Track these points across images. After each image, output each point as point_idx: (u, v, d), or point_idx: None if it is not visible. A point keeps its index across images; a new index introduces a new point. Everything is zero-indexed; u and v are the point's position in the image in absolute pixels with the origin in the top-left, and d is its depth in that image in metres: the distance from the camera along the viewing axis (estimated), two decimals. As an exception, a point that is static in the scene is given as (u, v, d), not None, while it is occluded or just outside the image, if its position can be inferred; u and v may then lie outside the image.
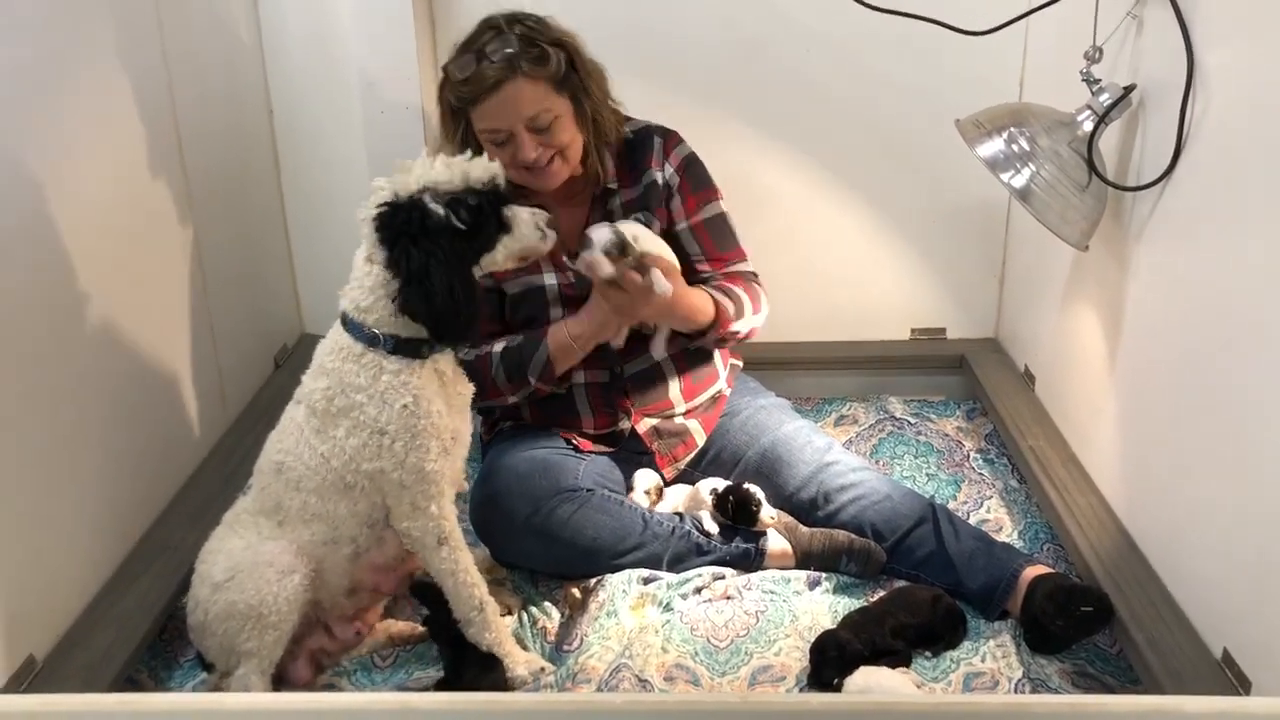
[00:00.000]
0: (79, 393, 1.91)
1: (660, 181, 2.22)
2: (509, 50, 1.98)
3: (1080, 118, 2.01)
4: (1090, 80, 2.01)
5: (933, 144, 2.66)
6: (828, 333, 2.92)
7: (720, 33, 2.69)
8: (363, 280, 1.79)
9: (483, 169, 1.76)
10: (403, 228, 1.73)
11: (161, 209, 2.24)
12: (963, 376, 2.88)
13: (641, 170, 2.22)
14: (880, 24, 2.29)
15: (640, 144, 2.23)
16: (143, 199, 2.15)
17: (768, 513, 2.15)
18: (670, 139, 2.24)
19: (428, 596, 1.94)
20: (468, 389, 1.92)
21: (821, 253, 2.89)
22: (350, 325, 1.80)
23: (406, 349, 1.80)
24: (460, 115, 2.06)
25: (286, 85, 2.76)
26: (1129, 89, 1.97)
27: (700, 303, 2.14)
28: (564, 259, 2.17)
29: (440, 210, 1.73)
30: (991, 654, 1.92)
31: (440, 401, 1.83)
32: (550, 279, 2.19)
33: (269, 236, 2.82)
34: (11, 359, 1.73)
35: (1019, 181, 1.99)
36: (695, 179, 2.25)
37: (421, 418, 1.79)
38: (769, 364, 2.69)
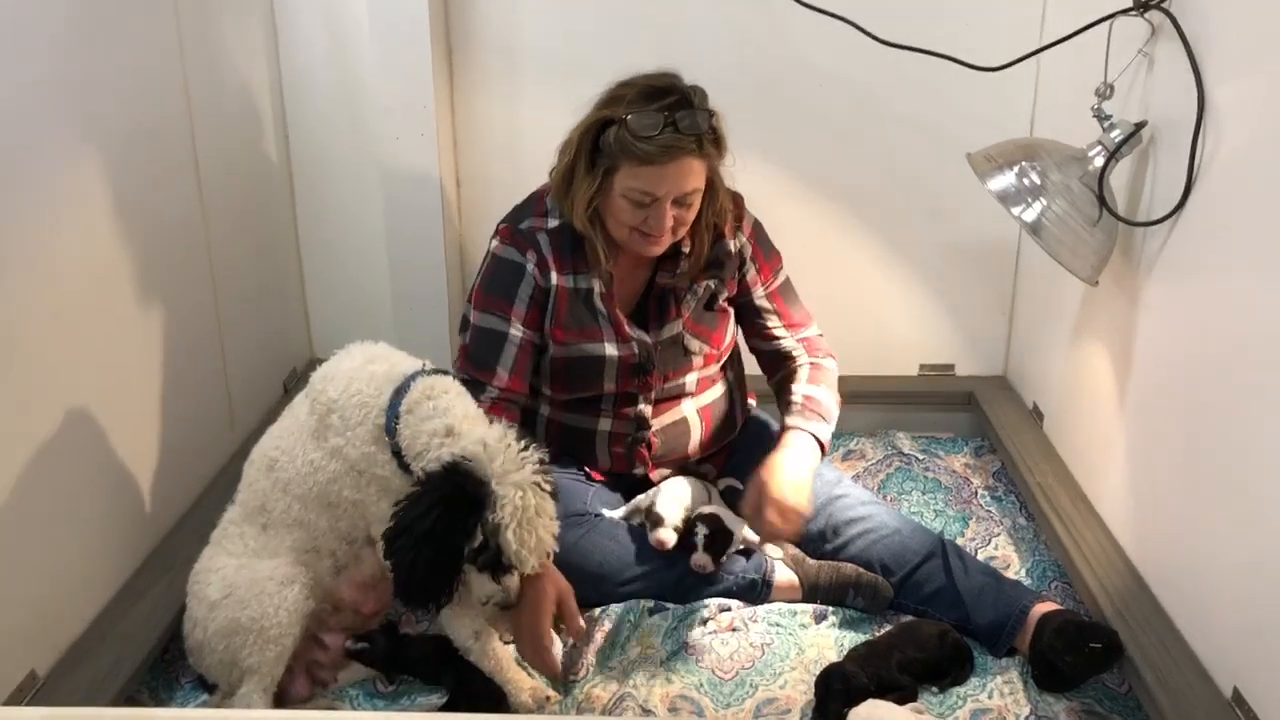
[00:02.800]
0: (87, 410, 1.92)
1: (733, 250, 2.19)
2: (700, 128, 1.95)
3: (1091, 153, 2.02)
4: (1101, 116, 2.02)
5: (943, 180, 2.68)
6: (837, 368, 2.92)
7: (733, 68, 2.72)
8: (429, 421, 1.75)
9: (524, 558, 1.70)
10: (445, 485, 1.67)
11: (177, 231, 2.26)
12: (971, 413, 2.87)
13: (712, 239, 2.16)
14: (893, 60, 2.31)
15: None
16: (159, 220, 2.17)
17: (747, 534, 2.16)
18: (738, 203, 2.21)
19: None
20: None
21: (831, 287, 2.89)
22: (394, 403, 1.77)
23: (402, 462, 1.79)
24: (609, 160, 1.99)
25: (303, 111, 2.79)
26: (1140, 125, 1.98)
27: (812, 446, 2.16)
28: (625, 329, 2.14)
29: (480, 537, 1.68)
30: (999, 690, 1.90)
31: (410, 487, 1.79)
32: (611, 349, 2.15)
33: (282, 261, 2.84)
34: (21, 375, 1.74)
35: (1030, 215, 2.00)
36: (765, 246, 2.25)
37: (392, 485, 1.79)
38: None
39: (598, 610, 2.07)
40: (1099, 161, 2.01)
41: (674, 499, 2.15)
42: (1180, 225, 1.89)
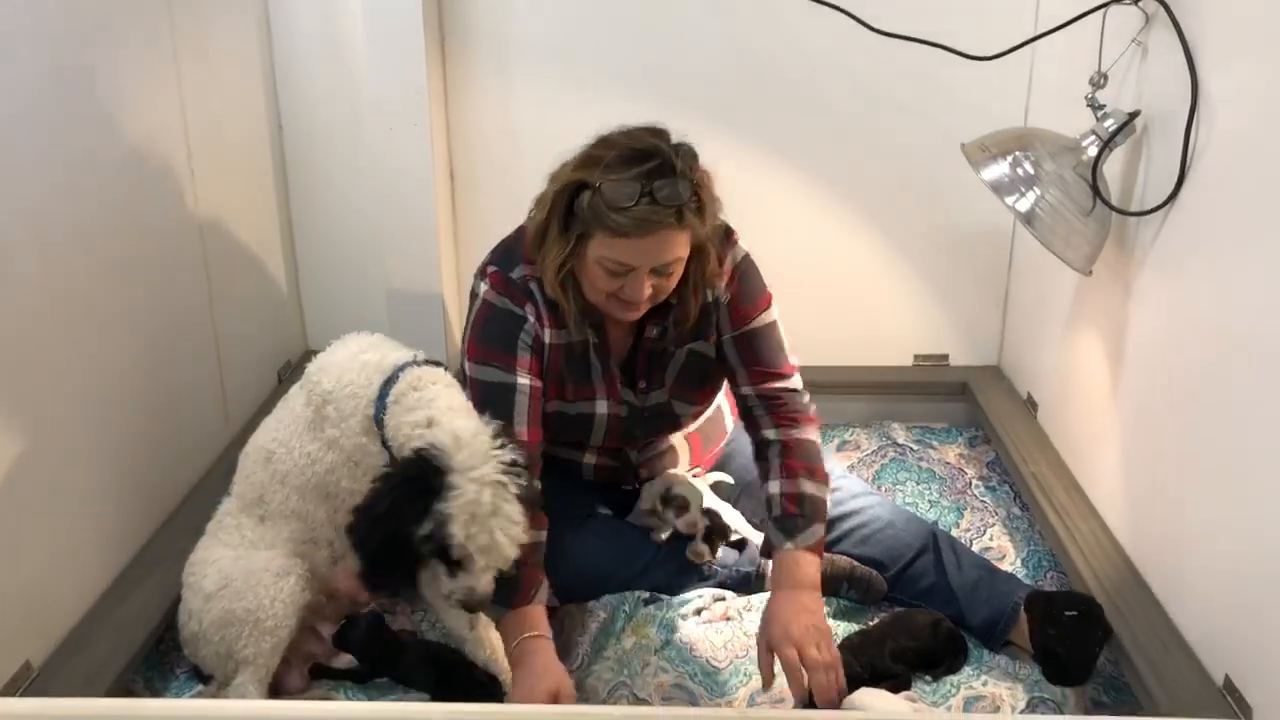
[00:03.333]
0: (82, 402, 1.92)
1: (711, 302, 2.01)
2: (680, 198, 1.78)
3: (1085, 142, 2.02)
4: (1095, 105, 2.02)
5: (937, 169, 2.68)
6: (831, 358, 2.92)
7: (728, 55, 2.71)
8: (412, 412, 1.76)
9: (509, 547, 1.69)
10: (406, 470, 1.67)
11: (170, 221, 2.25)
12: (965, 403, 2.87)
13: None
14: (887, 49, 2.31)
15: None
16: (152, 211, 2.17)
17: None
18: (725, 246, 2.01)
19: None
20: None
21: (825, 277, 2.90)
22: (383, 393, 1.78)
23: (391, 453, 1.79)
24: (583, 226, 1.83)
25: (296, 103, 2.78)
26: (1134, 114, 1.98)
27: (815, 571, 1.94)
28: (618, 387, 2.06)
29: (429, 526, 1.65)
30: (993, 679, 1.91)
31: None
32: (601, 408, 2.06)
33: (275, 251, 2.84)
34: (16, 367, 1.73)
35: (1023, 205, 2.00)
36: (746, 294, 2.03)
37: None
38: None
39: (593, 601, 2.08)
40: (1093, 151, 2.01)
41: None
42: (1174, 215, 1.89)
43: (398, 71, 2.63)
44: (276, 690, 1.84)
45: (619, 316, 1.95)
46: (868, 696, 1.77)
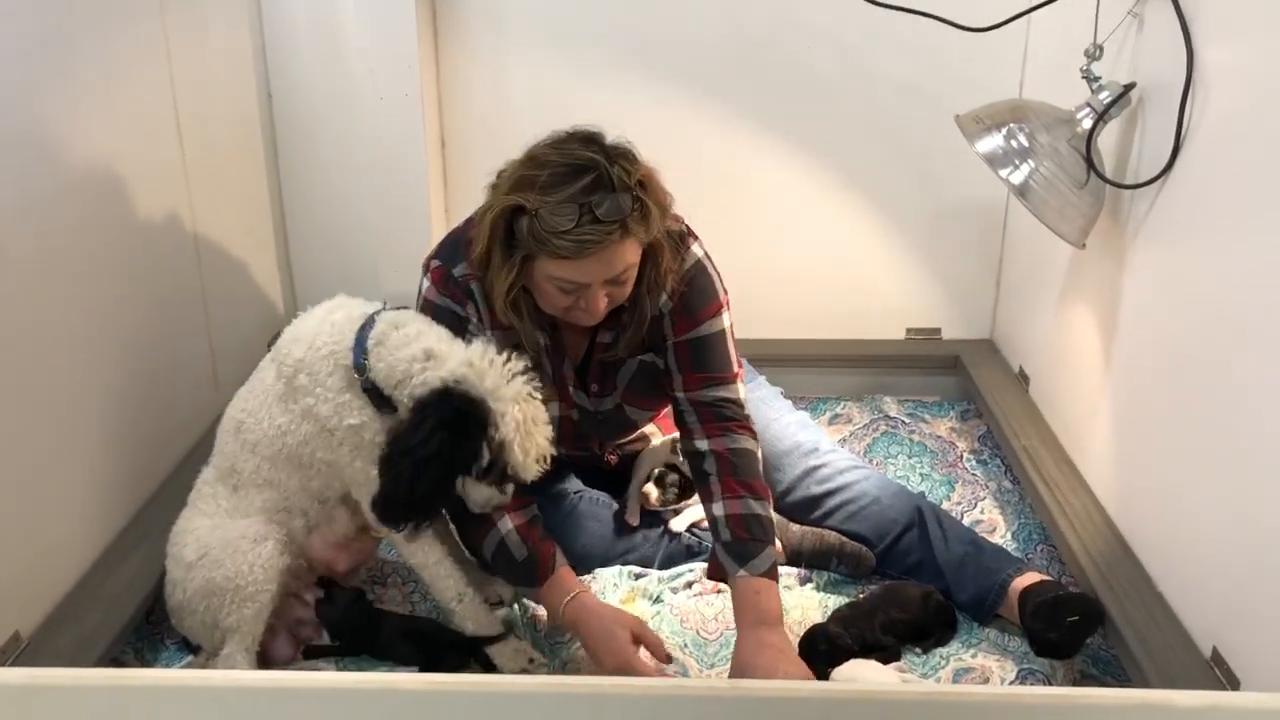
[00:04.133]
0: (72, 372, 1.91)
1: (659, 314, 1.93)
2: (624, 211, 1.70)
3: (1080, 115, 2.01)
4: (1090, 78, 2.01)
5: (932, 142, 2.67)
6: (823, 331, 2.92)
7: (722, 28, 2.69)
8: (405, 347, 1.73)
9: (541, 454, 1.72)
10: (444, 409, 1.67)
11: (159, 190, 2.23)
12: (957, 377, 2.88)
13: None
14: (881, 20, 2.30)
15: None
16: (141, 179, 2.15)
17: None
18: (683, 243, 1.92)
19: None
20: None
21: (818, 250, 2.89)
22: (360, 339, 1.76)
23: (376, 398, 1.77)
24: (525, 249, 1.76)
25: (286, 70, 2.76)
26: (1129, 87, 1.97)
27: (775, 602, 1.86)
28: (570, 389, 2.02)
29: (486, 455, 1.68)
30: (983, 651, 1.92)
31: (375, 436, 1.79)
32: (553, 409, 1.91)
33: (264, 220, 2.82)
34: (5, 340, 1.72)
35: (1017, 178, 1.99)
36: (691, 300, 1.93)
37: (364, 439, 1.79)
38: (763, 361, 2.68)
39: (585, 575, 2.08)
40: (1087, 124, 2.00)
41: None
42: (1168, 188, 1.88)
43: (389, 41, 2.61)
44: (265, 659, 1.84)
45: (578, 323, 1.89)
46: (858, 668, 1.78)
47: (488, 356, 1.70)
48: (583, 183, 1.69)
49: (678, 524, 2.15)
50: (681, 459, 2.09)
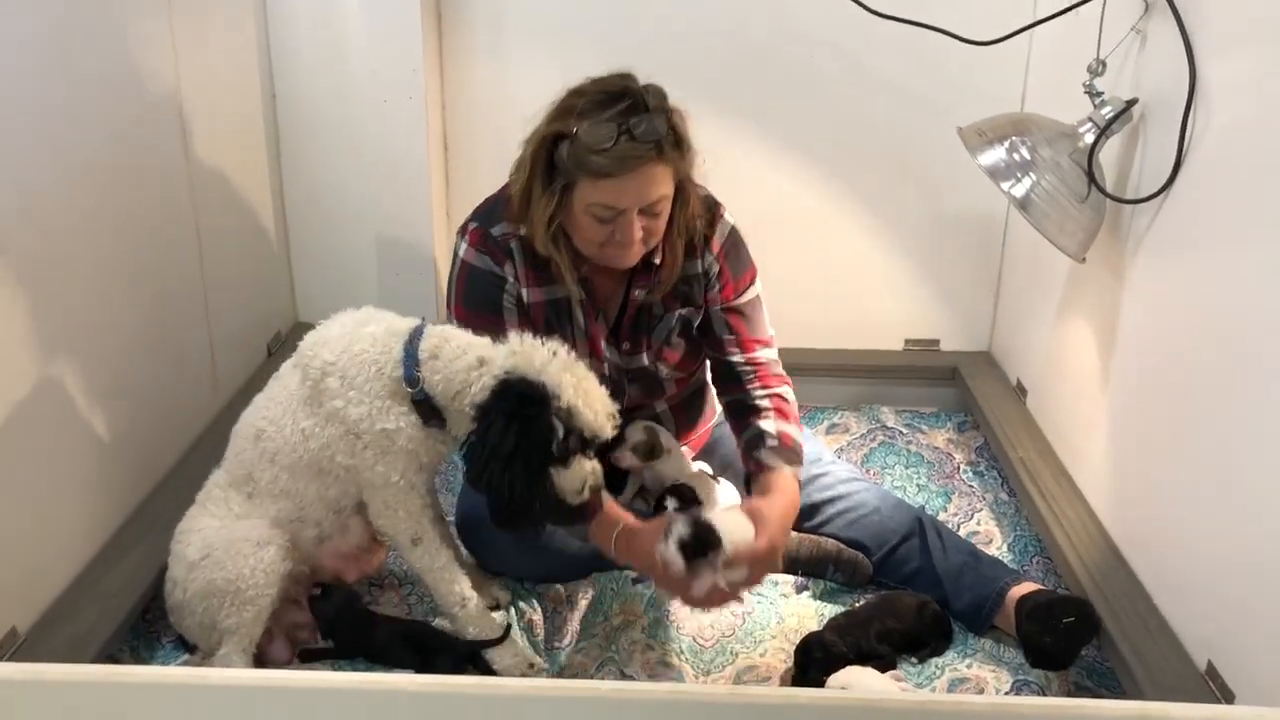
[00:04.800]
0: (72, 370, 1.91)
1: (701, 271, 2.05)
2: (658, 132, 1.80)
3: (1082, 129, 2.02)
4: (1093, 93, 2.02)
5: (933, 154, 2.68)
6: (822, 341, 2.93)
7: (724, 36, 2.70)
8: (460, 359, 1.75)
9: (606, 409, 1.76)
10: (506, 402, 1.69)
11: (162, 189, 2.24)
12: (955, 388, 2.88)
13: (683, 259, 2.02)
14: (886, 32, 2.30)
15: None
16: (144, 178, 2.15)
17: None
18: (712, 219, 2.04)
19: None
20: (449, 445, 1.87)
21: (818, 260, 2.90)
22: (410, 353, 1.77)
23: (427, 410, 1.79)
24: (566, 177, 1.84)
25: (290, 70, 2.76)
26: (1131, 102, 1.98)
27: (791, 510, 1.96)
28: (600, 345, 2.07)
29: (560, 426, 1.70)
30: (979, 662, 1.92)
31: (418, 443, 1.81)
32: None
33: (267, 223, 2.82)
34: (7, 334, 1.72)
35: (1019, 191, 2.00)
36: (735, 263, 2.07)
37: (395, 444, 1.80)
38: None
39: (582, 580, 2.09)
40: (1089, 138, 2.01)
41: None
42: (1168, 203, 1.89)
43: (393, 43, 2.62)
44: (261, 662, 1.84)
45: (615, 264, 1.95)
46: (854, 675, 1.78)
47: (527, 342, 1.75)
48: (620, 106, 1.80)
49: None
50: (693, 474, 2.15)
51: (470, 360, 1.75)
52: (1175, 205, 1.88)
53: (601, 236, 1.87)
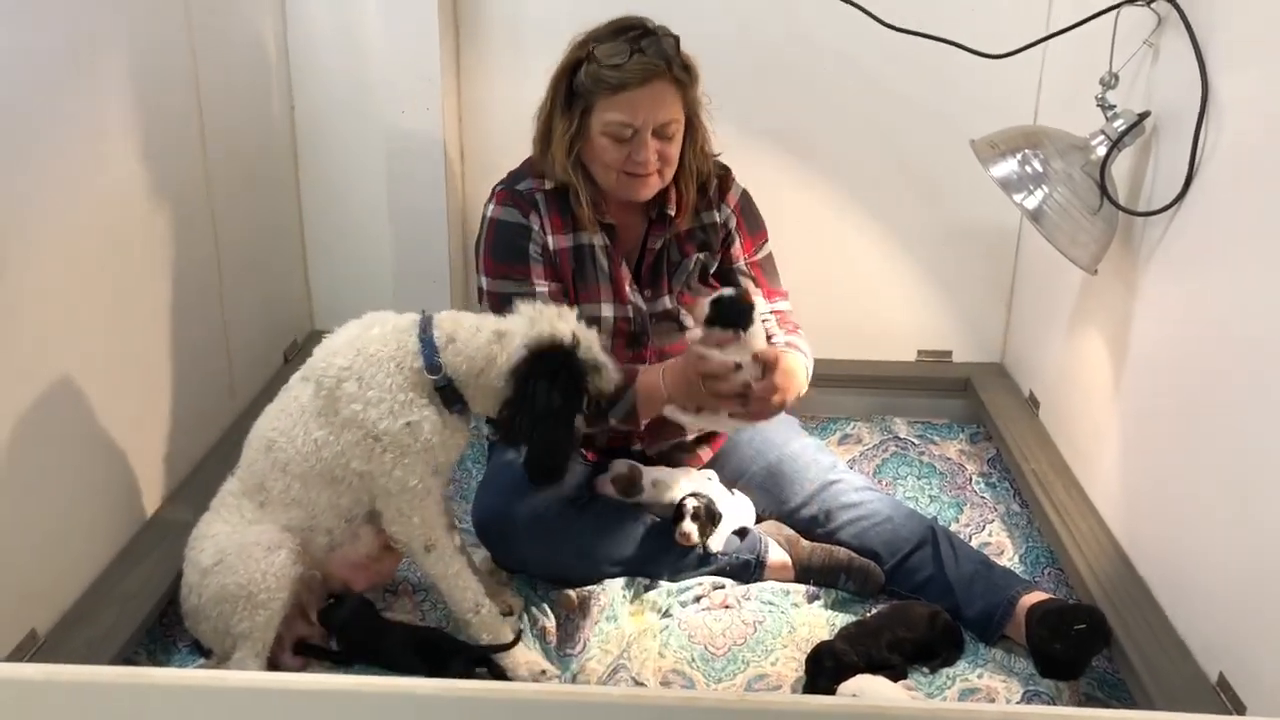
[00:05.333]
0: (91, 374, 1.93)
1: (719, 222, 2.22)
2: (667, 52, 2.00)
3: (1094, 142, 2.03)
4: (1105, 105, 2.03)
5: (946, 166, 2.69)
6: (834, 351, 2.92)
7: (737, 47, 2.72)
8: (477, 336, 1.81)
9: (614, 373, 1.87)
10: (541, 365, 1.77)
11: (182, 197, 2.26)
12: (967, 400, 2.88)
13: (697, 209, 2.20)
14: (898, 44, 2.31)
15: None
16: (164, 186, 2.17)
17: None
18: (726, 178, 2.24)
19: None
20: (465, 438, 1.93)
21: (831, 270, 2.90)
22: (427, 341, 1.81)
23: (450, 395, 1.82)
24: (584, 100, 2.03)
25: (309, 81, 2.78)
26: (1143, 115, 1.99)
27: (799, 370, 2.10)
28: (625, 290, 2.16)
29: (579, 370, 1.81)
30: (989, 672, 1.92)
31: (440, 436, 1.84)
32: (607, 310, 2.16)
33: (284, 231, 2.85)
34: (26, 339, 1.75)
35: (1031, 203, 2.01)
36: (751, 220, 2.26)
37: (418, 439, 1.82)
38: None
39: (594, 586, 2.10)
40: (1101, 150, 2.01)
41: (687, 488, 2.19)
42: (1180, 216, 1.90)
43: (411, 54, 2.64)
44: (274, 668, 1.85)
45: (630, 194, 2.08)
46: (864, 683, 1.79)
47: (540, 309, 1.83)
48: (634, 33, 2.01)
49: (715, 543, 2.16)
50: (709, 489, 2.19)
51: (488, 335, 1.81)
52: (1187, 218, 1.88)
53: (618, 158, 2.03)
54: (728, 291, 2.02)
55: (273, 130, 2.74)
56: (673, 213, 2.16)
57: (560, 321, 1.81)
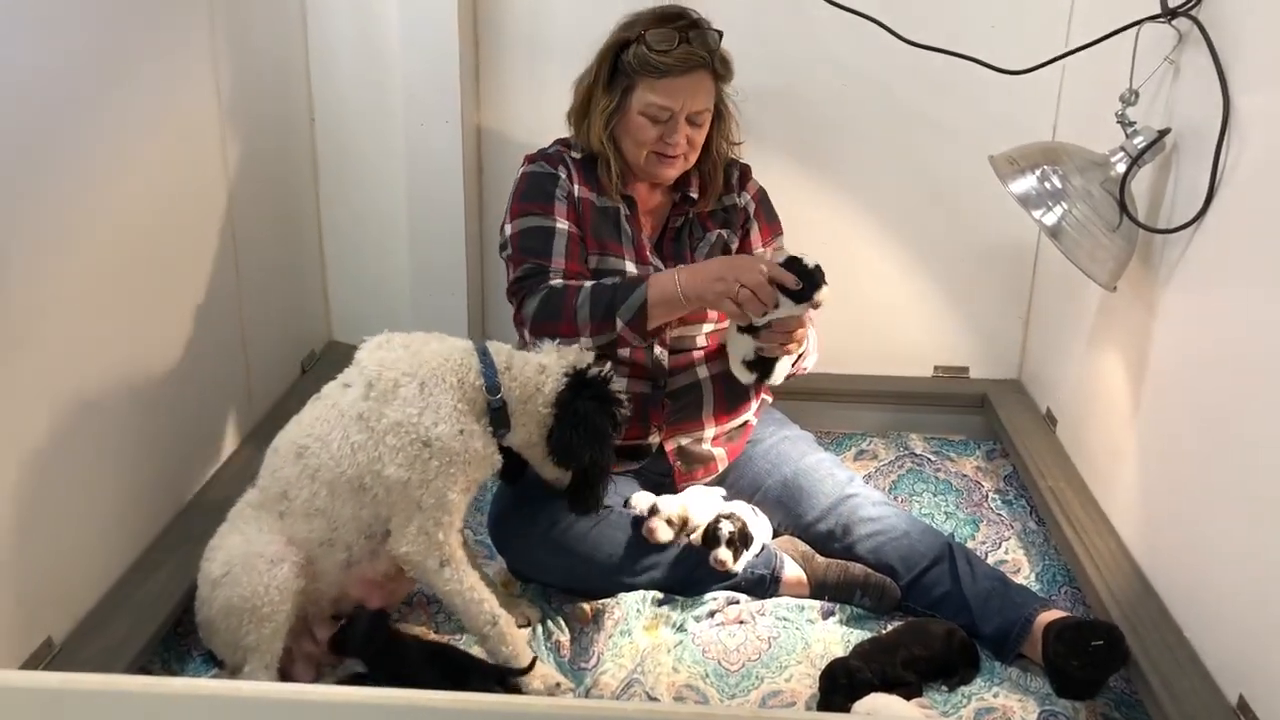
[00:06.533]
0: (110, 383, 1.94)
1: (740, 205, 2.35)
2: (710, 45, 2.14)
3: (1114, 159, 2.02)
4: (1125, 122, 2.02)
5: (964, 182, 2.68)
6: (851, 367, 2.92)
7: (757, 63, 2.70)
8: (527, 366, 1.93)
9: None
10: (584, 391, 1.92)
11: (202, 209, 2.28)
12: (984, 416, 2.87)
13: (720, 194, 2.32)
14: (917, 60, 2.32)
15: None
16: (185, 198, 2.19)
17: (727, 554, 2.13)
18: (745, 170, 2.38)
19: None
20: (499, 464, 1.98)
21: (847, 286, 2.87)
22: (488, 363, 1.91)
23: (499, 419, 1.91)
24: (628, 79, 2.14)
25: (329, 93, 2.80)
26: (1164, 132, 1.98)
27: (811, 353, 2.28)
28: (647, 253, 2.25)
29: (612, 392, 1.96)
30: (1006, 691, 1.91)
31: (484, 453, 1.90)
32: (630, 266, 2.22)
33: (304, 242, 2.86)
34: (45, 348, 1.76)
35: (1050, 219, 2.00)
36: (768, 212, 2.39)
37: (468, 450, 1.85)
38: (791, 395, 2.69)
39: (608, 600, 2.09)
40: (1121, 167, 2.01)
41: (716, 508, 2.19)
42: (1200, 234, 1.89)
43: (431, 68, 2.66)
44: (285, 680, 1.85)
45: (657, 174, 2.21)
46: (879, 701, 1.78)
47: (564, 349, 1.98)
48: (681, 22, 2.14)
49: (737, 567, 2.15)
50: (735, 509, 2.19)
51: (535, 366, 1.94)
52: (1207, 235, 1.87)
53: (651, 138, 2.16)
54: (808, 258, 2.10)
55: (293, 142, 2.76)
56: (695, 195, 2.28)
57: (585, 354, 1.97)
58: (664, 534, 2.12)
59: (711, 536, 2.12)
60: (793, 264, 2.08)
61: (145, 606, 1.92)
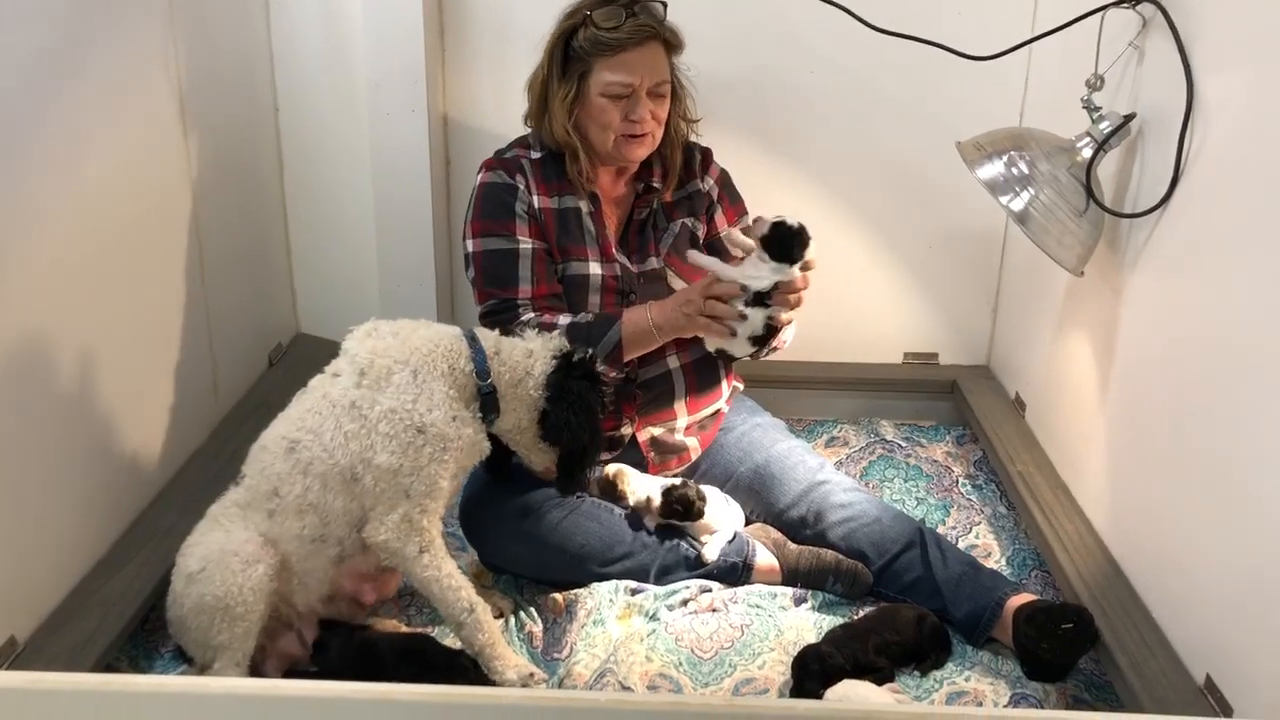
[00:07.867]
0: (73, 378, 1.91)
1: (704, 191, 2.33)
2: (658, 15, 2.15)
3: (1080, 144, 2.03)
4: (1091, 107, 2.03)
5: (932, 169, 2.69)
6: (821, 354, 2.93)
7: (724, 51, 2.71)
8: (514, 351, 1.94)
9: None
10: (572, 372, 1.94)
11: (165, 200, 2.25)
12: (954, 402, 2.89)
13: (683, 180, 2.31)
14: (884, 47, 2.31)
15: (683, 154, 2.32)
16: (147, 189, 2.16)
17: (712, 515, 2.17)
18: (707, 154, 2.37)
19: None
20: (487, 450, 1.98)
21: (818, 274, 2.89)
22: (478, 349, 1.91)
23: (489, 404, 1.91)
24: (582, 64, 2.13)
25: (293, 83, 2.77)
26: (1129, 117, 1.99)
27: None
28: (612, 249, 2.23)
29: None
30: (977, 675, 1.92)
31: (475, 440, 1.90)
32: (595, 269, 2.21)
33: (269, 234, 2.83)
34: (5, 342, 1.73)
35: (1017, 204, 2.01)
36: (732, 194, 2.39)
37: (461, 436, 1.85)
38: (762, 383, 2.70)
39: (580, 590, 2.09)
40: (1087, 152, 2.02)
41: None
42: (1166, 218, 1.90)
43: (396, 57, 2.63)
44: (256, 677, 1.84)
45: (627, 155, 2.19)
46: (850, 688, 1.78)
47: (543, 337, 1.99)
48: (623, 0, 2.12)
49: (709, 552, 2.15)
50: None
51: (523, 350, 1.95)
52: (1173, 219, 1.89)
53: (616, 119, 2.13)
54: (791, 219, 2.10)
55: (257, 132, 2.73)
56: (658, 185, 2.26)
57: (565, 339, 2.00)
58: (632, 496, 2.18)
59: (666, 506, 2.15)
60: (778, 227, 2.08)
61: (111, 603, 1.90)
